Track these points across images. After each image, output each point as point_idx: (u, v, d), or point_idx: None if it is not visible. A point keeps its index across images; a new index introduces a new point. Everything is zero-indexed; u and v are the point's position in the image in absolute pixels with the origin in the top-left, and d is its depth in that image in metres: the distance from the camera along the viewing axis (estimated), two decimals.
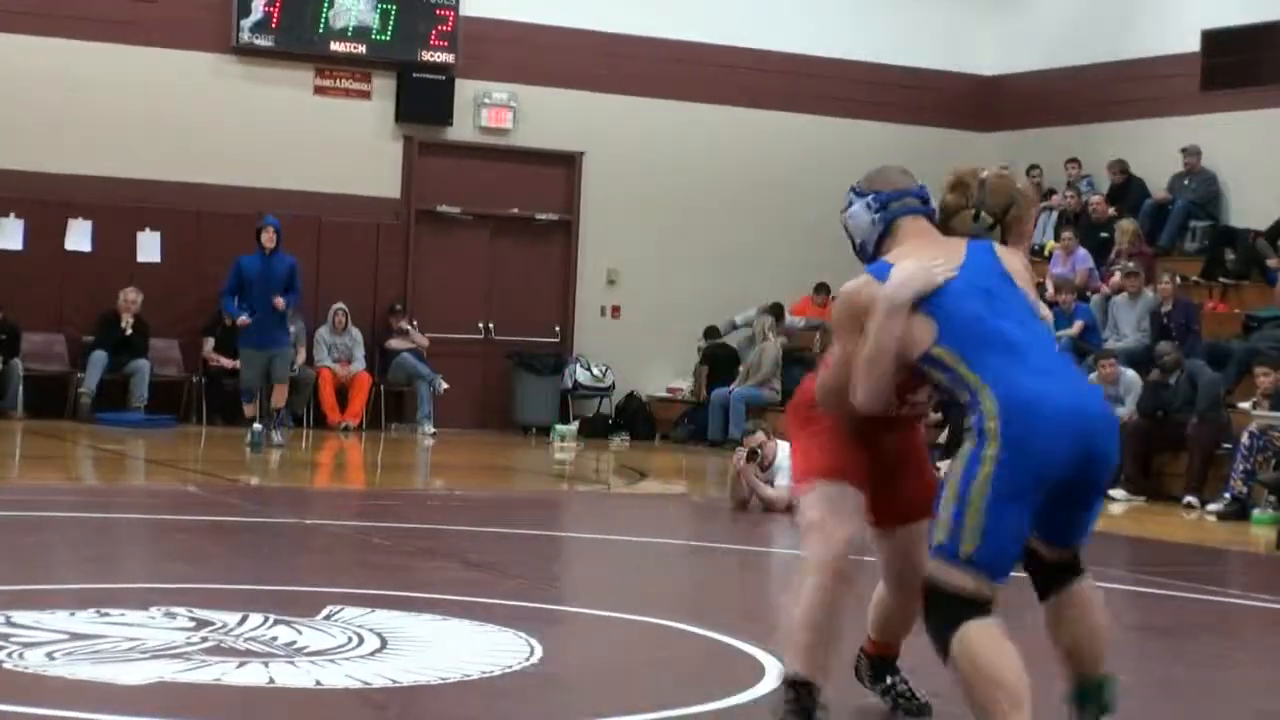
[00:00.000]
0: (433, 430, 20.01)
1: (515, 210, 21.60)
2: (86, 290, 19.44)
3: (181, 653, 6.28)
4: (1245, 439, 14.33)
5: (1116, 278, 18.19)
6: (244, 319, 16.62)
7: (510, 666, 6.33)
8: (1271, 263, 18.04)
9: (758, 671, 6.37)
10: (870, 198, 5.29)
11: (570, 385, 21.43)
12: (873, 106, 22.58)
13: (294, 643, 6.58)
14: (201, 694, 5.70)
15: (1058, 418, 4.65)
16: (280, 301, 16.54)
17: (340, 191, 20.59)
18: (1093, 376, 16.26)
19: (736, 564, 10.96)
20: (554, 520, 13.13)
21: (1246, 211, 19.40)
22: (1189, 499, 15.02)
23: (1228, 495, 14.31)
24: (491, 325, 21.56)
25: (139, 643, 6.43)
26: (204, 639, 6.55)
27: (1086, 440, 4.70)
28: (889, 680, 5.80)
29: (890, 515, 5.48)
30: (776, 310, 21.22)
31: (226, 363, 19.01)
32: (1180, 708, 6.40)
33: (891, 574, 5.61)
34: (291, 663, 6.22)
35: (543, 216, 21.76)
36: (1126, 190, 20.69)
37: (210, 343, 19.65)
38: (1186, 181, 20.15)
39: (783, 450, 13.20)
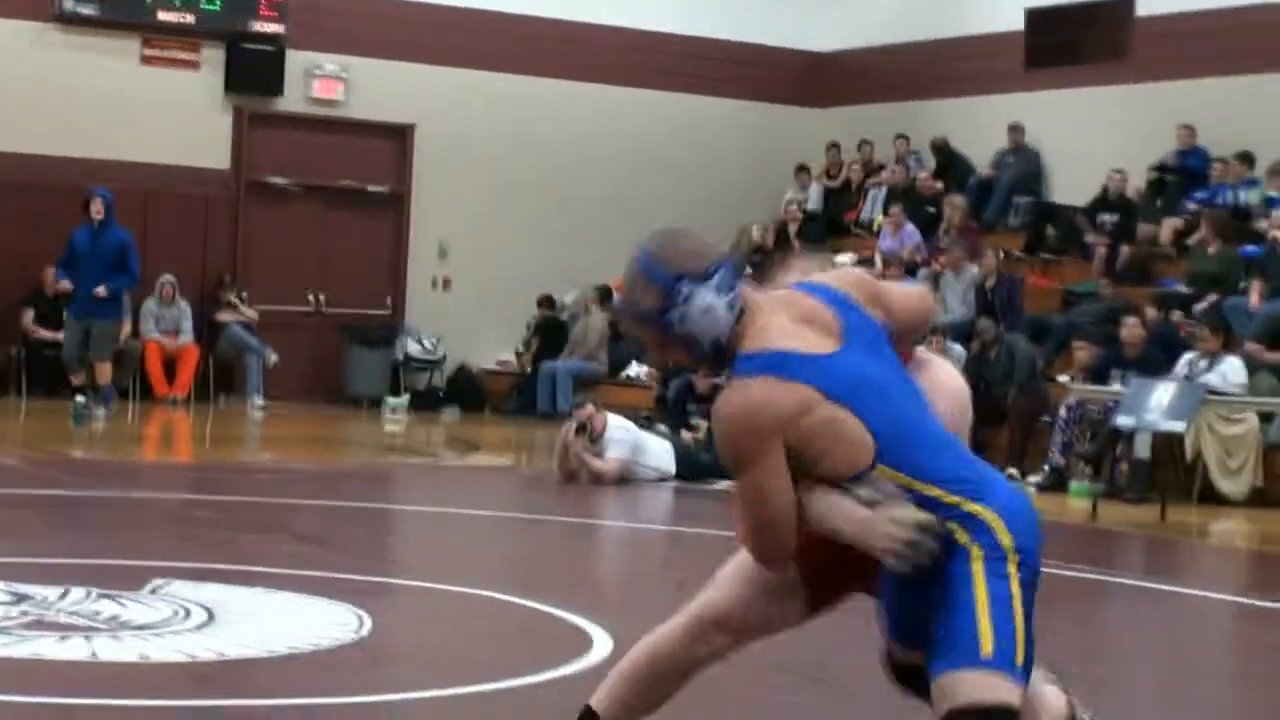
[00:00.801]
0: (262, 403, 19.79)
1: (346, 182, 21.42)
2: None
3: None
4: (1063, 412, 14.59)
5: (958, 251, 18.36)
6: (65, 284, 16.45)
7: (339, 639, 6.30)
8: (1090, 239, 18.36)
9: (585, 643, 6.39)
10: (718, 277, 3.81)
11: (401, 358, 21.32)
12: (710, 82, 22.63)
13: (118, 617, 6.49)
14: (21, 669, 5.61)
15: (1034, 523, 3.86)
16: (101, 291, 16.34)
17: (168, 163, 20.27)
18: (920, 350, 16.43)
19: (565, 536, 10.97)
20: (384, 493, 13.06)
21: (1068, 188, 19.72)
22: (1010, 471, 15.24)
23: (1047, 467, 14.57)
24: (322, 297, 21.38)
25: None
26: (23, 613, 6.44)
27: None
28: None
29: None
30: (604, 292, 21.26)
31: (47, 334, 18.70)
32: None
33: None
34: (115, 637, 6.14)
35: (374, 189, 21.60)
36: (951, 166, 20.97)
37: (30, 314, 19.28)
38: (1010, 159, 20.45)
39: (612, 422, 13.27)
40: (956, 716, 3.66)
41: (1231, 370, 13.80)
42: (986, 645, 3.69)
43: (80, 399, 16.22)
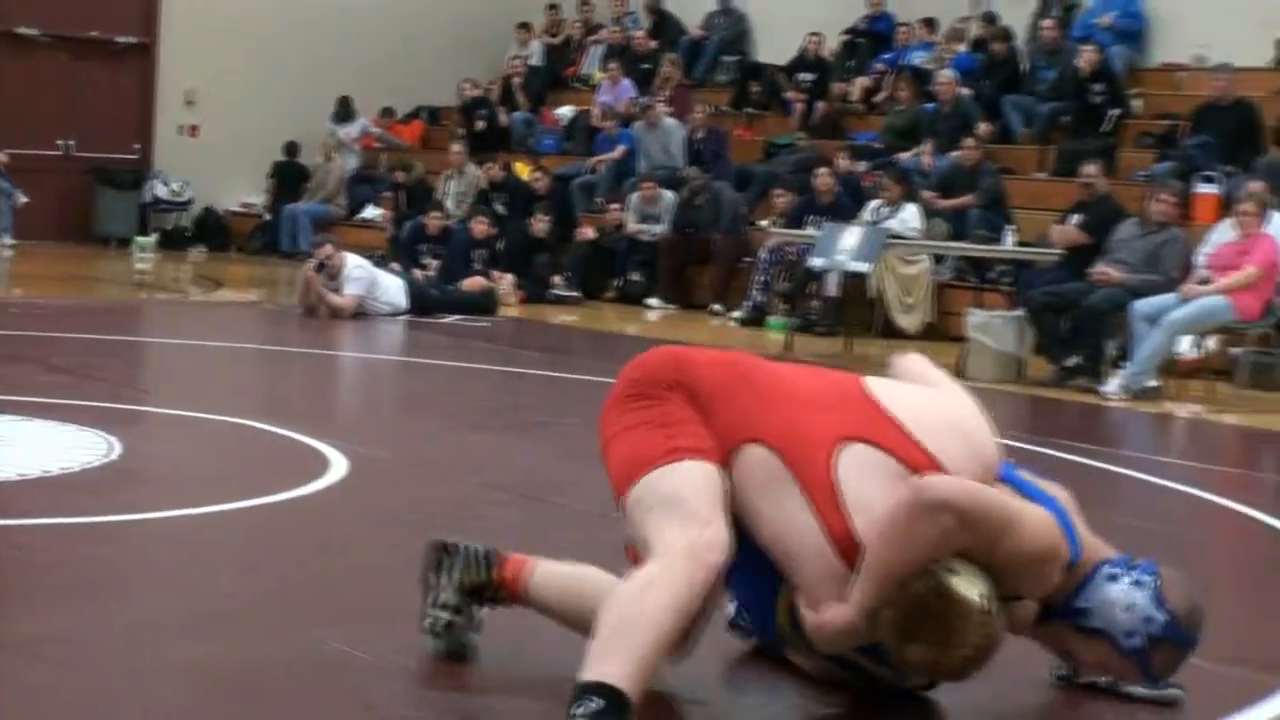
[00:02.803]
0: (12, 242, 19.20)
1: (95, 33, 20.71)
2: None
3: None
4: (763, 254, 14.87)
5: (658, 108, 18.43)
6: None
7: (90, 463, 6.23)
8: (789, 96, 18.60)
9: (324, 464, 6.42)
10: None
11: (149, 200, 20.83)
12: None
13: None
14: None
15: None
16: None
17: None
18: (634, 197, 16.61)
19: (305, 366, 10.92)
20: (135, 327, 12.82)
21: (770, 49, 19.91)
22: (715, 307, 15.54)
23: (748, 304, 14.85)
24: (71, 143, 20.73)
25: None
26: None
27: None
28: None
29: None
30: (344, 104, 20.98)
31: None
32: None
33: None
34: None
35: (122, 39, 20.93)
36: (665, 27, 21.04)
37: None
38: (719, 20, 20.57)
39: (350, 260, 13.21)
40: None
41: (910, 217, 14.15)
42: None
43: None
